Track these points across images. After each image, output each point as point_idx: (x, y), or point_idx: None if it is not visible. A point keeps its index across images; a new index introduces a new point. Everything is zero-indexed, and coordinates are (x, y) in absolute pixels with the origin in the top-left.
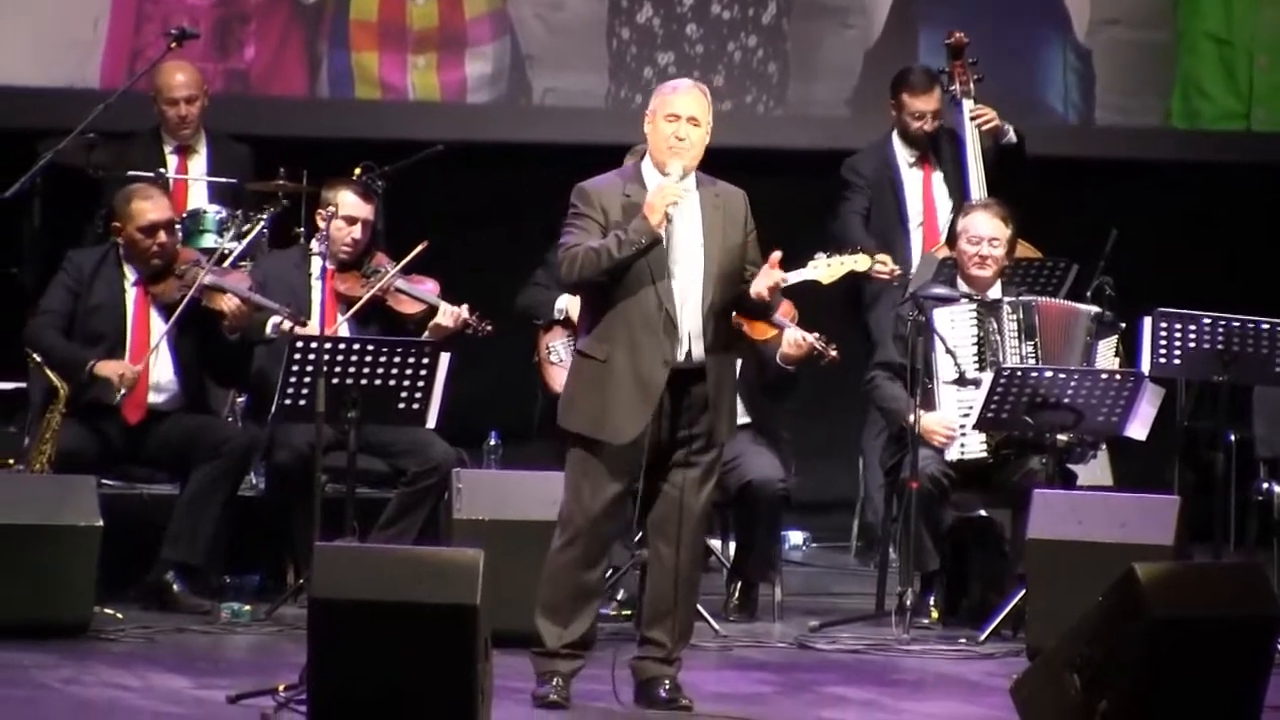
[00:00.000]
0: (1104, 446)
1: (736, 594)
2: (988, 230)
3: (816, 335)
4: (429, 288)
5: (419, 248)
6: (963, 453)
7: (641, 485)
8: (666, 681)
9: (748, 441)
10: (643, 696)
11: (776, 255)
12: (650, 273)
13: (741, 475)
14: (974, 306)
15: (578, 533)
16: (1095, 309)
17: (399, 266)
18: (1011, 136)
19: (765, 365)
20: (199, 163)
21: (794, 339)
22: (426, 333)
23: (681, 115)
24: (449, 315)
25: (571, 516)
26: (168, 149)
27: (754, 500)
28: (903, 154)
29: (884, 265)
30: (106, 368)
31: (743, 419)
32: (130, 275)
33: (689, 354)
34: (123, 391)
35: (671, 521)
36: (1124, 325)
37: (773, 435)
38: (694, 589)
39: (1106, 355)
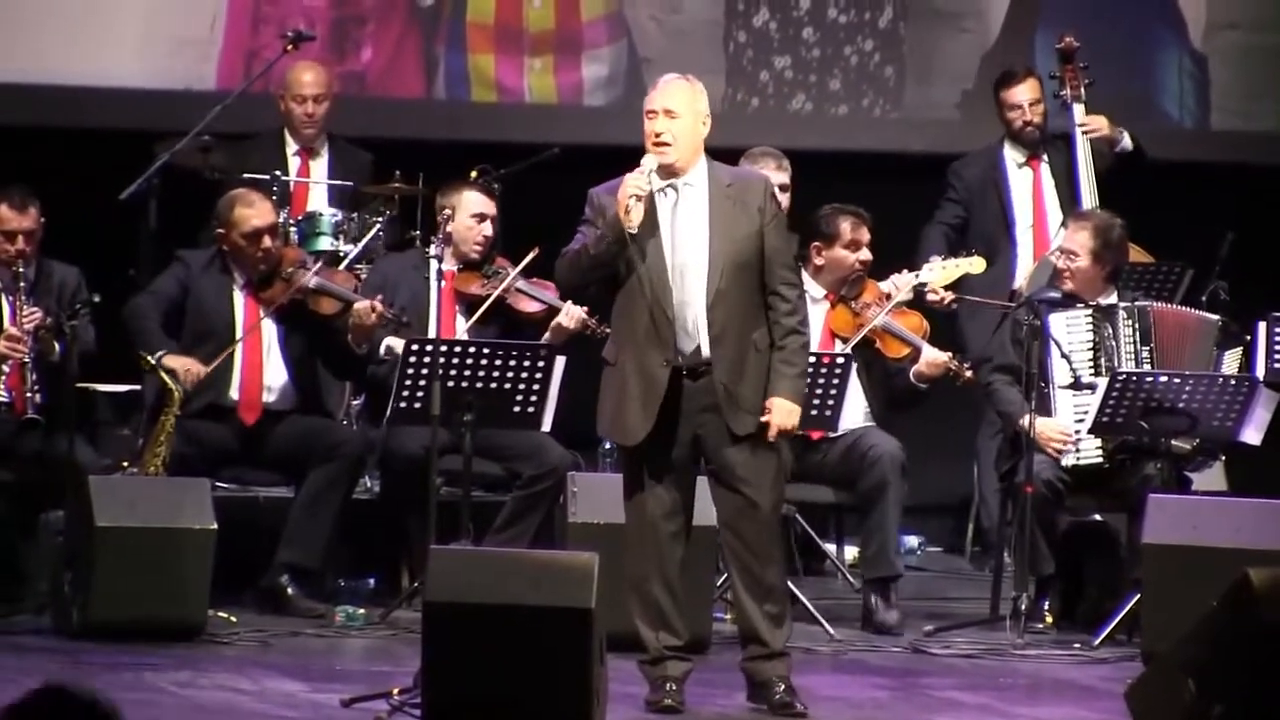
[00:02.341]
0: (1222, 456)
1: (877, 603)
2: (1067, 244)
3: (951, 355)
4: (550, 291)
5: (532, 254)
6: (1078, 458)
7: (710, 487)
8: (780, 685)
9: (868, 428)
10: (758, 699)
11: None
12: (650, 273)
13: (866, 443)
14: (1089, 311)
15: (635, 536)
16: (1220, 318)
17: (519, 268)
18: (1126, 143)
19: (892, 378)
20: (321, 165)
21: (931, 359)
22: (548, 333)
23: (657, 109)
24: (570, 317)
25: (632, 520)
26: (290, 150)
27: (876, 462)
28: (1012, 155)
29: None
30: (175, 360)
31: (868, 422)
32: (238, 279)
33: (696, 349)
34: (184, 388)
35: (734, 520)
36: (1249, 338)
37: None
38: (772, 589)
39: (1231, 366)
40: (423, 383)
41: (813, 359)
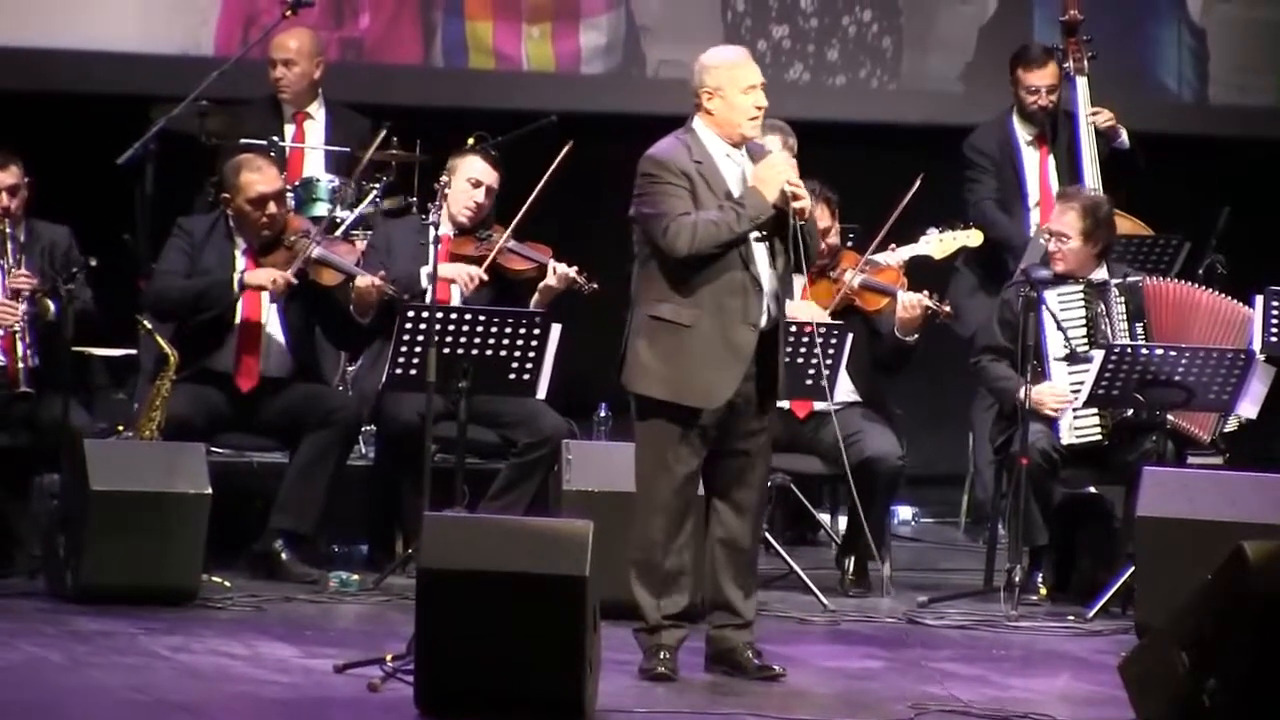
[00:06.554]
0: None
1: (852, 569)
2: (1056, 225)
3: (927, 293)
4: (540, 251)
5: (566, 147)
6: (1076, 436)
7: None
8: (749, 651)
9: (862, 418)
10: (721, 663)
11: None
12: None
13: (861, 450)
14: (1082, 288)
15: (663, 502)
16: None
17: (512, 226)
18: (1124, 140)
19: (881, 339)
20: (317, 130)
21: (906, 301)
22: (536, 295)
23: (757, 84)
24: (557, 277)
25: (654, 485)
26: (286, 116)
27: (873, 475)
28: (1021, 132)
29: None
30: (258, 275)
31: (853, 396)
32: (240, 245)
33: (769, 315)
34: (275, 299)
35: (741, 487)
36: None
37: (885, 412)
38: (750, 564)
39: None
40: (418, 348)
41: (806, 331)
